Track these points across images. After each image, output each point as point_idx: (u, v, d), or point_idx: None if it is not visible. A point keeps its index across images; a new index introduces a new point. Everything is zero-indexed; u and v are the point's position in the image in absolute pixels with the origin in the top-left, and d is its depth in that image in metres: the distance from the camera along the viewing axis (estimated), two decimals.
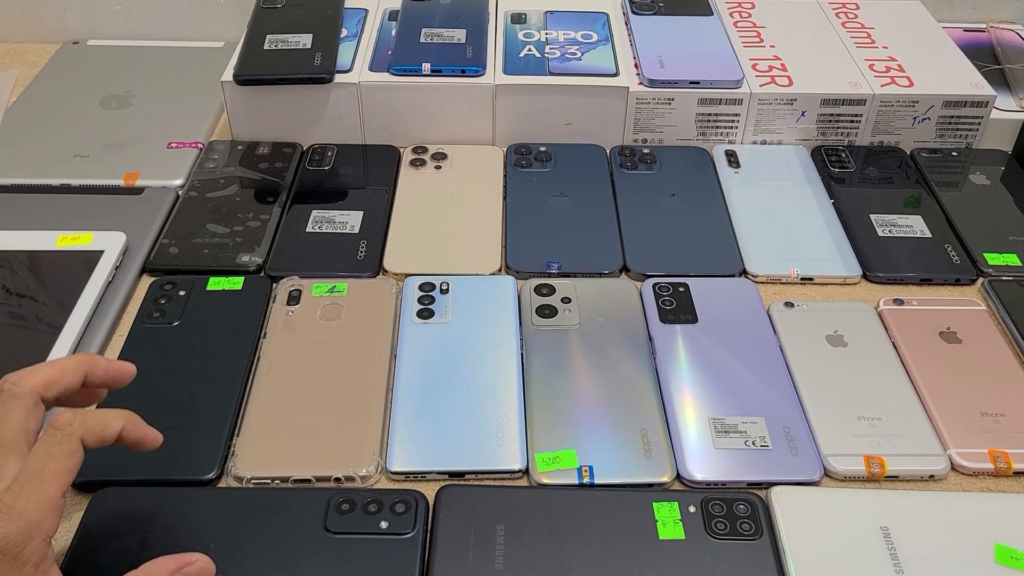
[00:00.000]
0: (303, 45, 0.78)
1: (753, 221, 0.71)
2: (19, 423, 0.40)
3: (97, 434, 0.41)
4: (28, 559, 0.37)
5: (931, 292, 0.67)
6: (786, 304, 0.64)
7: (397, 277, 0.66)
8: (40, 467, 0.39)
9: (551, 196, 0.74)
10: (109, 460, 0.50)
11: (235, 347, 0.59)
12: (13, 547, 0.37)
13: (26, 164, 0.76)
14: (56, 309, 0.60)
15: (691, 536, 0.49)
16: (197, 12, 0.95)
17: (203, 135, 0.80)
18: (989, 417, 0.56)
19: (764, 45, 0.84)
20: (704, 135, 0.80)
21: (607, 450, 0.53)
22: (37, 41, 0.96)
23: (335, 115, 0.78)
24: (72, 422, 0.41)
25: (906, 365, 0.59)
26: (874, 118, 0.79)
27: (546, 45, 0.81)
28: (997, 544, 0.48)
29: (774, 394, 0.57)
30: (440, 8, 0.86)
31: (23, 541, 0.37)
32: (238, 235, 0.69)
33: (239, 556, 0.47)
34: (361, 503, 0.49)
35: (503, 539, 0.48)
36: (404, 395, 0.56)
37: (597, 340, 0.60)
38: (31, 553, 0.38)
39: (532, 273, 0.66)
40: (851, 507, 0.50)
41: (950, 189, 0.75)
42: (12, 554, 0.37)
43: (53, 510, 0.39)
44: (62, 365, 0.43)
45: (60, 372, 0.43)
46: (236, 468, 0.52)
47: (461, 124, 0.79)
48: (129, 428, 0.43)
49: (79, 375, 0.44)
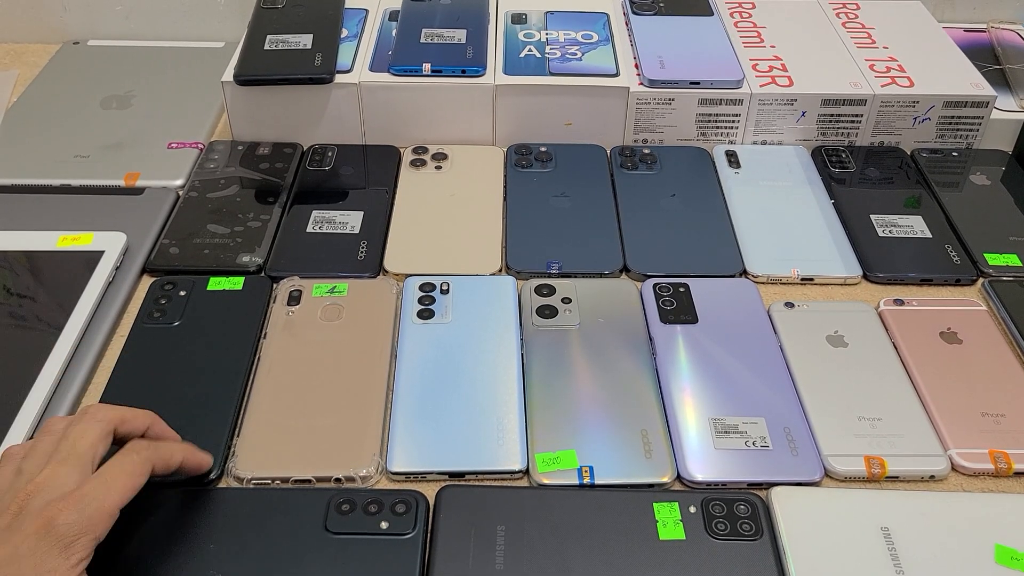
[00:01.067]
0: (303, 45, 0.78)
1: (753, 221, 0.71)
2: (93, 442, 0.44)
3: (164, 461, 0.46)
4: (76, 551, 0.40)
5: (931, 292, 0.67)
6: (786, 304, 0.64)
7: (397, 277, 0.66)
8: (113, 476, 0.43)
9: (551, 196, 0.74)
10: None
11: (235, 347, 0.59)
12: (70, 535, 0.40)
13: (26, 164, 0.76)
14: (56, 309, 0.60)
15: (691, 536, 0.49)
16: (197, 12, 0.95)
17: (203, 135, 0.80)
18: (989, 417, 0.56)
19: (764, 45, 0.84)
20: (704, 135, 0.80)
21: (607, 450, 0.53)
22: (37, 41, 0.96)
23: (335, 115, 0.78)
24: (147, 448, 0.46)
25: (906, 365, 0.59)
26: (874, 118, 0.79)
27: (546, 45, 0.81)
28: (997, 544, 0.48)
29: (774, 394, 0.57)
30: (440, 8, 0.86)
31: (79, 533, 0.40)
32: (238, 235, 0.69)
33: (239, 556, 0.47)
34: (361, 503, 0.49)
35: (503, 540, 0.48)
36: (404, 395, 0.56)
37: (597, 340, 0.60)
38: (81, 547, 0.40)
39: (532, 273, 0.66)
40: (851, 507, 0.50)
41: (950, 189, 0.75)
42: (66, 541, 0.40)
43: (111, 516, 0.42)
44: (134, 411, 0.48)
45: (132, 415, 0.47)
46: (236, 468, 0.52)
47: (461, 124, 0.79)
48: (188, 459, 0.49)
49: (145, 424, 0.48)
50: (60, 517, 0.40)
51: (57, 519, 0.40)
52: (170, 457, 0.47)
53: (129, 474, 0.43)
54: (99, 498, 0.41)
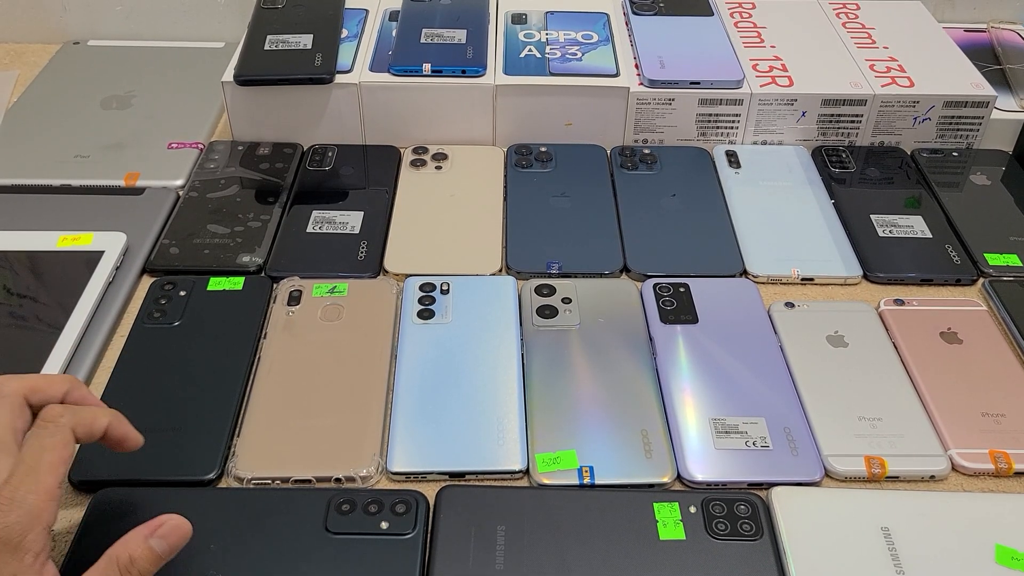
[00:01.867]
0: (303, 45, 0.78)
1: (754, 221, 0.71)
2: (7, 422, 0.41)
3: (87, 426, 0.43)
4: (29, 548, 0.38)
5: (932, 292, 0.67)
6: (787, 304, 0.64)
7: (398, 277, 0.66)
8: (36, 458, 0.40)
9: (551, 196, 0.74)
10: (109, 460, 0.50)
11: (235, 347, 0.59)
12: (15, 536, 0.38)
13: (27, 164, 0.76)
14: (56, 309, 0.60)
15: (692, 536, 0.49)
16: (197, 12, 0.95)
17: (203, 135, 0.80)
18: (990, 417, 0.56)
19: (764, 45, 0.84)
20: (704, 135, 0.80)
21: (608, 450, 0.53)
22: (38, 41, 0.96)
23: (335, 115, 0.78)
24: (63, 414, 0.42)
25: (907, 365, 0.59)
26: (875, 118, 0.79)
27: (546, 45, 0.81)
28: (998, 545, 0.48)
29: (775, 394, 0.57)
30: (440, 8, 0.86)
31: (24, 531, 0.38)
32: (238, 235, 0.69)
33: (240, 556, 0.47)
34: (362, 503, 0.49)
35: (504, 540, 0.48)
36: (404, 395, 0.56)
37: (597, 340, 0.60)
38: (31, 543, 0.38)
39: (532, 273, 0.66)
40: (852, 507, 0.50)
41: (951, 189, 0.75)
42: (13, 544, 0.38)
43: (52, 500, 0.39)
44: (47, 377, 0.44)
45: (46, 382, 0.44)
46: (237, 468, 0.52)
47: (461, 124, 0.79)
48: (114, 424, 0.44)
49: (62, 389, 0.44)
50: None
51: None
52: (93, 421, 0.43)
53: (51, 448, 0.40)
54: (32, 488, 0.39)
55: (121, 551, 0.40)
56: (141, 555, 0.40)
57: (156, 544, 0.41)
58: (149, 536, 0.41)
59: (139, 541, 0.41)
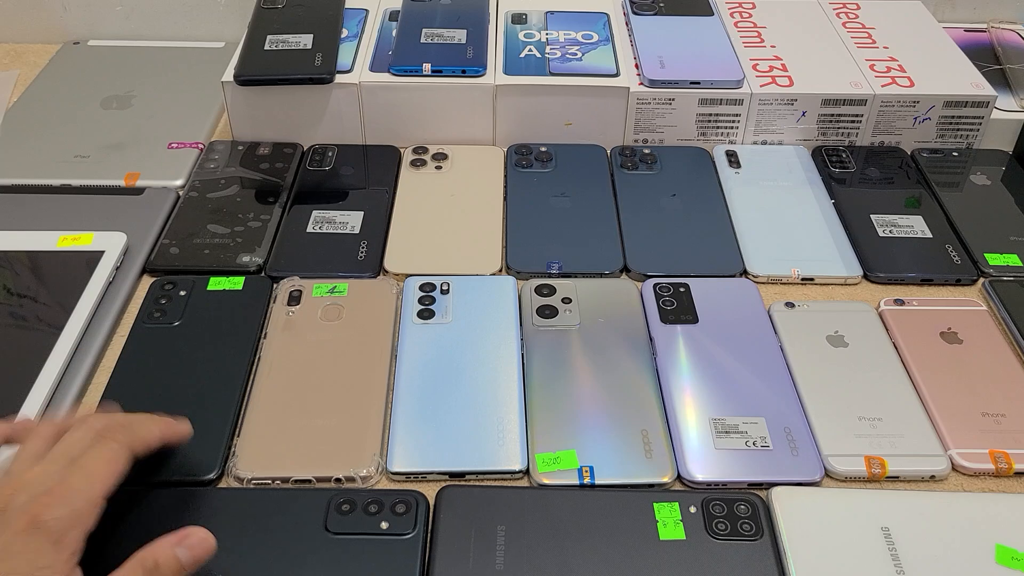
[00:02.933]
0: (304, 45, 0.78)
1: (754, 221, 0.71)
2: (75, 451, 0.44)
3: (144, 441, 0.46)
4: (68, 545, 0.40)
5: (932, 292, 0.67)
6: (787, 304, 0.64)
7: (398, 277, 0.66)
8: (93, 468, 0.43)
9: (552, 196, 0.74)
10: None
11: (236, 347, 0.59)
12: (60, 530, 0.40)
13: (27, 164, 0.76)
14: (57, 309, 0.60)
15: (692, 536, 0.49)
16: (198, 12, 0.95)
17: (203, 135, 0.80)
18: (990, 417, 0.56)
19: (765, 45, 0.84)
20: (704, 135, 0.80)
21: (608, 450, 0.53)
22: (38, 41, 0.96)
23: (336, 115, 0.78)
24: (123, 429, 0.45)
25: (907, 365, 0.59)
26: (875, 118, 0.79)
27: (547, 45, 0.81)
28: (998, 545, 0.48)
29: (775, 394, 0.57)
30: (440, 8, 0.86)
31: (68, 527, 0.40)
32: (239, 235, 0.69)
33: (240, 556, 0.47)
34: (362, 503, 0.49)
35: (504, 540, 0.48)
36: (405, 395, 0.56)
37: (598, 340, 0.60)
38: (71, 541, 0.40)
39: (532, 273, 0.66)
40: (852, 507, 0.50)
41: (951, 189, 0.75)
42: (56, 537, 0.39)
43: (96, 507, 0.42)
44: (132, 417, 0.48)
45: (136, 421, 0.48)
46: (237, 468, 0.52)
47: (462, 124, 0.79)
48: (167, 431, 0.48)
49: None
50: (47, 512, 0.39)
51: (43, 514, 0.39)
52: (148, 435, 0.46)
53: (108, 461, 0.43)
54: (84, 489, 0.41)
55: (148, 555, 0.42)
56: (166, 562, 0.42)
57: (182, 554, 0.42)
58: (176, 544, 0.43)
59: (166, 548, 0.42)
